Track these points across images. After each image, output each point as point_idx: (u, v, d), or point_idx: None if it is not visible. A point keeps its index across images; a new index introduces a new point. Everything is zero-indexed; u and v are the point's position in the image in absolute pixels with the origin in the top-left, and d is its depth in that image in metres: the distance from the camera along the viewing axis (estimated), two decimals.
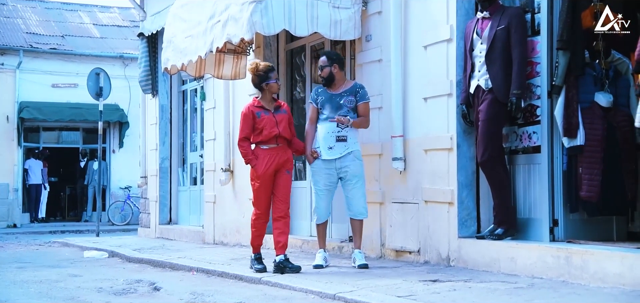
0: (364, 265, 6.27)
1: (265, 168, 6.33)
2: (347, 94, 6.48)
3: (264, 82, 6.42)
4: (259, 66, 6.45)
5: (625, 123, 5.82)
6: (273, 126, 6.36)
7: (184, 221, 11.74)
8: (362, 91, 6.52)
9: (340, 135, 6.40)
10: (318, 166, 6.48)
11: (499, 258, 5.75)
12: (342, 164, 6.41)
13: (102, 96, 13.92)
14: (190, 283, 6.45)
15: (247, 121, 6.40)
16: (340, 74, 6.56)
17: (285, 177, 6.42)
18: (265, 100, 6.45)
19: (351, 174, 6.41)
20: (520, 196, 6.08)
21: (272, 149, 6.37)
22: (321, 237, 6.68)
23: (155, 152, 12.10)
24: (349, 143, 6.41)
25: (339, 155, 6.40)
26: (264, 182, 6.36)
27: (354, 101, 6.46)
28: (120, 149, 20.24)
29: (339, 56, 6.70)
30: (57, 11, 22.68)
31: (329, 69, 6.51)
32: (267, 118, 6.37)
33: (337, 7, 7.29)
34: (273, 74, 6.45)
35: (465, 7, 6.34)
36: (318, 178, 6.50)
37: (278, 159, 6.37)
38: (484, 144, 5.91)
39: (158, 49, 11.38)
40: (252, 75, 6.47)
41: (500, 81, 5.88)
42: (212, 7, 7.79)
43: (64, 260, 9.03)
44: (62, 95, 19.67)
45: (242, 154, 6.45)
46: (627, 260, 4.80)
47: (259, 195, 6.41)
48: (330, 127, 6.41)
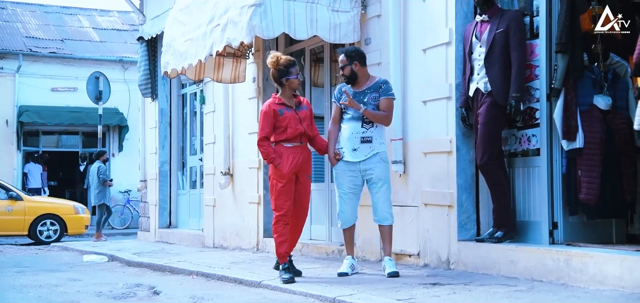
0: (394, 273, 5.87)
1: (290, 166, 6.00)
2: (371, 91, 6.08)
3: (284, 78, 6.05)
4: (280, 60, 6.06)
5: (624, 126, 5.83)
6: (297, 123, 6.04)
7: (183, 225, 11.74)
8: (385, 86, 6.10)
9: (366, 136, 6.02)
10: (341, 168, 6.11)
11: (498, 261, 5.75)
12: (366, 167, 6.03)
13: (101, 100, 13.95)
14: (190, 287, 6.44)
15: (268, 119, 6.02)
16: (363, 71, 6.16)
17: (306, 181, 6.14)
18: (286, 96, 6.10)
19: (376, 178, 6.03)
20: (520, 199, 6.08)
21: (296, 148, 6.05)
22: (348, 243, 6.29)
23: (154, 156, 12.10)
24: (375, 145, 6.03)
25: (364, 157, 6.02)
26: (289, 181, 6.01)
27: (378, 98, 6.06)
28: (120, 153, 20.26)
29: (358, 52, 6.25)
30: (57, 15, 22.71)
31: (349, 67, 6.13)
32: (290, 115, 6.03)
33: (337, 10, 7.30)
34: (294, 69, 6.08)
35: (464, 11, 6.35)
36: (342, 181, 6.12)
37: (302, 158, 6.06)
38: (483, 147, 5.91)
39: (157, 52, 11.39)
40: (271, 69, 6.10)
41: (499, 84, 5.88)
42: (211, 11, 7.80)
43: (64, 264, 9.03)
44: (62, 99, 19.70)
45: (263, 154, 6.08)
46: (626, 262, 4.80)
47: (281, 194, 6.02)
48: (355, 127, 6.04)
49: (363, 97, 6.07)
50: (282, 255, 6.05)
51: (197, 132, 11.54)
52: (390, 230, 6.13)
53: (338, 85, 6.35)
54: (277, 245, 6.07)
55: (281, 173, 5.99)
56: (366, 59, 6.28)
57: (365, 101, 6.04)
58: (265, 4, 6.99)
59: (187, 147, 11.91)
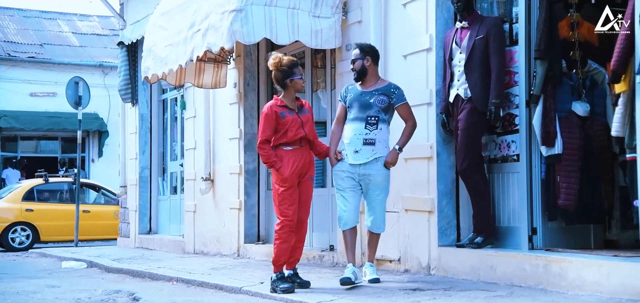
0: (375, 280, 5.78)
1: (292, 169, 5.72)
2: (379, 93, 5.84)
3: (288, 79, 5.78)
4: (283, 61, 5.80)
5: (602, 132, 5.89)
6: (299, 127, 5.77)
7: (164, 231, 11.67)
8: (398, 92, 5.89)
9: (368, 138, 5.78)
10: (340, 169, 5.88)
11: (478, 267, 5.78)
12: (366, 171, 5.79)
13: (81, 105, 13.83)
14: (170, 293, 6.41)
15: (270, 121, 5.74)
16: (374, 69, 5.96)
17: (308, 183, 5.86)
18: (288, 98, 5.82)
19: (375, 184, 5.81)
20: (500, 205, 6.12)
21: (296, 150, 5.77)
22: (349, 249, 5.94)
23: (135, 161, 12.03)
24: (377, 148, 5.80)
25: (365, 160, 5.78)
26: (292, 185, 5.72)
27: (386, 102, 5.83)
28: (100, 158, 20.12)
29: (372, 48, 6.06)
30: (36, 19, 22.53)
31: (361, 61, 5.91)
32: (292, 118, 5.76)
33: (318, 16, 7.31)
34: (298, 70, 5.84)
35: (444, 17, 6.39)
36: (341, 182, 5.88)
37: (303, 160, 5.79)
38: (463, 153, 5.94)
39: (138, 57, 11.33)
40: (274, 70, 5.82)
41: (479, 90, 5.92)
42: (192, 16, 7.79)
43: (42, 271, 8.95)
44: (41, 104, 19.54)
45: (263, 157, 5.82)
46: (604, 268, 4.85)
47: (284, 199, 5.71)
48: (358, 128, 5.81)
49: (369, 98, 5.85)
50: (280, 264, 5.73)
51: (177, 137, 11.49)
52: (378, 237, 6.01)
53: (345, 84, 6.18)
54: (279, 253, 5.69)
55: (283, 176, 5.72)
56: (379, 59, 6.11)
57: (372, 101, 5.83)
58: (246, 9, 6.99)
59: (168, 152, 11.85)
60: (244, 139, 8.93)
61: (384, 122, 5.87)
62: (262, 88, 8.99)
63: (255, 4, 7.05)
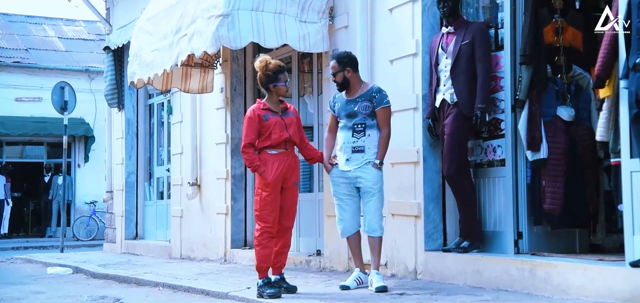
0: (382, 288, 5.57)
1: (276, 174, 5.70)
2: (362, 100, 5.84)
3: (272, 84, 5.80)
4: (269, 65, 5.80)
5: (587, 137, 5.93)
6: (283, 129, 5.76)
7: (150, 236, 11.62)
8: (379, 96, 5.84)
9: (357, 146, 5.79)
10: (336, 175, 5.89)
11: (465, 271, 5.79)
12: (357, 175, 5.79)
13: (67, 110, 13.76)
14: (156, 298, 6.38)
15: (253, 125, 5.74)
16: (355, 77, 5.94)
17: (293, 189, 5.84)
18: (272, 102, 5.83)
19: (368, 188, 5.78)
20: (486, 209, 6.14)
21: (280, 154, 5.76)
22: (355, 254, 5.96)
23: (121, 166, 11.98)
24: (367, 154, 5.79)
25: (356, 166, 5.80)
26: (274, 190, 5.70)
27: (370, 107, 5.81)
28: (86, 163, 19.99)
29: (350, 57, 6.01)
30: (21, 24, 22.38)
31: (341, 74, 5.90)
32: (275, 120, 5.76)
33: (304, 21, 7.32)
34: (283, 76, 5.83)
35: (430, 22, 6.41)
36: (337, 188, 5.90)
37: (287, 165, 5.77)
38: (449, 158, 5.96)
39: (124, 62, 11.30)
40: (260, 73, 5.83)
41: (465, 95, 5.94)
42: (178, 21, 7.77)
43: (27, 277, 8.88)
44: (26, 109, 19.39)
45: (247, 161, 5.80)
46: (589, 272, 4.87)
47: (266, 205, 5.68)
48: (347, 137, 5.83)
49: (353, 105, 5.85)
50: (264, 269, 5.71)
51: (164, 142, 11.45)
52: (379, 241, 5.86)
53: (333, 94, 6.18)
54: (260, 259, 5.69)
55: (266, 181, 5.70)
56: (358, 64, 6.09)
57: (356, 109, 5.83)
58: (232, 14, 6.98)
59: (154, 157, 11.81)
60: (230, 144, 8.92)
61: (372, 127, 5.83)
62: (249, 93, 8.98)
63: (242, 8, 7.05)
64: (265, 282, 5.68)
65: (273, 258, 5.77)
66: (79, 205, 19.58)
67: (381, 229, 5.87)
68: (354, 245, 5.96)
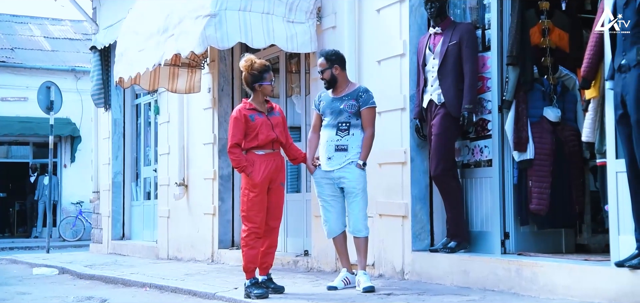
0: (369, 288, 5.55)
1: (263, 175, 5.67)
2: (348, 99, 5.82)
3: (258, 83, 5.75)
4: (254, 64, 5.75)
5: (573, 138, 5.97)
6: (269, 129, 5.71)
7: (137, 237, 11.58)
8: (365, 96, 5.82)
9: (340, 144, 5.76)
10: (319, 176, 5.87)
11: (452, 271, 5.81)
12: (340, 175, 5.75)
13: (53, 110, 13.68)
14: (143, 299, 6.36)
15: (239, 125, 5.68)
16: (343, 75, 5.92)
17: (279, 189, 5.81)
18: (257, 102, 5.78)
19: (350, 187, 5.74)
20: (473, 210, 6.16)
21: (268, 155, 5.72)
22: (341, 254, 5.97)
23: (108, 166, 11.92)
24: (350, 153, 5.76)
25: (338, 166, 5.76)
26: (262, 191, 5.67)
27: (356, 106, 5.79)
28: (72, 163, 19.88)
29: (338, 55, 5.99)
30: (7, 23, 22.22)
31: (329, 71, 5.88)
32: (261, 120, 5.71)
33: (292, 21, 7.32)
34: (268, 75, 5.78)
35: (417, 23, 6.43)
36: (321, 189, 5.88)
37: (274, 165, 5.73)
38: (436, 158, 5.98)
39: (111, 62, 11.24)
40: (245, 72, 5.77)
41: (452, 96, 5.96)
42: (165, 21, 7.74)
43: (12, 278, 8.82)
44: (12, 109, 19.26)
45: (234, 162, 5.73)
46: (574, 272, 4.90)
47: (253, 206, 5.66)
48: (330, 135, 5.80)
49: (340, 104, 5.83)
50: (251, 269, 5.68)
51: (151, 142, 11.41)
52: (365, 242, 5.84)
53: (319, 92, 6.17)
54: (248, 260, 5.67)
55: (253, 182, 5.66)
56: (346, 63, 6.08)
57: (342, 107, 5.81)
58: (220, 14, 6.97)
59: (141, 158, 11.77)
60: (218, 145, 8.90)
61: (356, 127, 5.82)
62: (237, 93, 8.97)
63: (230, 9, 7.04)
64: (253, 283, 5.67)
65: (260, 259, 5.76)
66: (65, 206, 19.47)
67: (366, 229, 5.86)
68: (340, 245, 5.96)
